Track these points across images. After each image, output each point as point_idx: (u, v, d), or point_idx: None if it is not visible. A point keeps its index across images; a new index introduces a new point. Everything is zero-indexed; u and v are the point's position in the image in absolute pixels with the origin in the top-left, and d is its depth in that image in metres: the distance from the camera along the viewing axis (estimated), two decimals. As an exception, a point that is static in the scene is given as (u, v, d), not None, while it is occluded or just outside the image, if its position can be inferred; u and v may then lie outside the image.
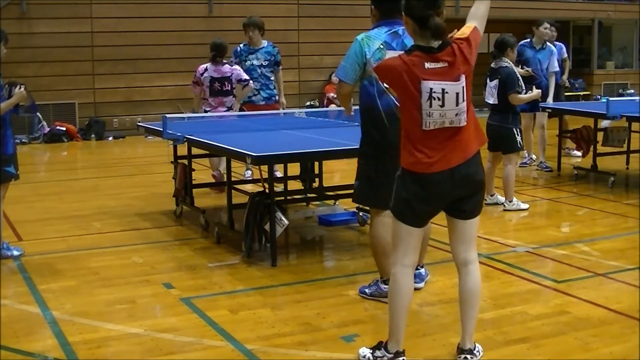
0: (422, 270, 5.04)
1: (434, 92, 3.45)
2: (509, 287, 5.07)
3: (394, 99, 4.49)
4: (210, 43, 8.48)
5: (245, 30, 9.04)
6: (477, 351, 3.78)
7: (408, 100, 3.52)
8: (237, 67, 8.53)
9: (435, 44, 3.50)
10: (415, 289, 4.91)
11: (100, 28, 14.08)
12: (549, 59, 9.52)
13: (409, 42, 4.53)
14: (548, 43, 9.65)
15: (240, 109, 8.66)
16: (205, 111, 8.34)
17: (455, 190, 3.59)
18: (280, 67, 9.13)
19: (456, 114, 3.50)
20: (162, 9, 14.50)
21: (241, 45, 9.15)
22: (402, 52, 4.07)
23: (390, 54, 4.43)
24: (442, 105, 3.47)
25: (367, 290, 4.87)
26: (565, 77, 10.60)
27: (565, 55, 10.51)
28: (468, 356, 3.74)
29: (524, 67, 9.24)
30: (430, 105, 3.46)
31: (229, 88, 8.34)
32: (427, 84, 3.45)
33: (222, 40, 8.72)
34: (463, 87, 3.50)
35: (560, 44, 10.41)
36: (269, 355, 3.98)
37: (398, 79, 3.52)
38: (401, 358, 3.72)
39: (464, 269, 3.73)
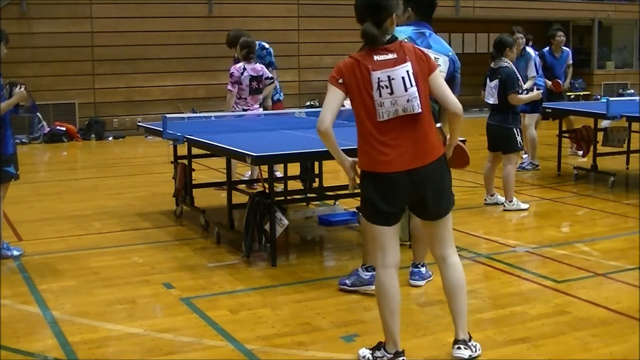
0: (423, 269, 5.05)
1: (381, 80, 3.53)
2: (509, 287, 5.07)
3: None
4: (241, 41, 8.45)
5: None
6: (474, 345, 3.80)
7: (363, 94, 3.56)
8: (263, 65, 8.56)
9: (385, 39, 3.59)
10: (414, 286, 4.93)
11: (100, 28, 14.09)
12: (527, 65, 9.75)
13: (434, 44, 4.65)
14: (527, 49, 9.85)
15: (265, 108, 8.73)
16: (244, 110, 8.34)
17: (415, 191, 3.61)
18: (272, 68, 9.06)
19: (407, 100, 3.54)
20: (162, 9, 14.50)
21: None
22: (427, 49, 4.29)
23: None
24: (392, 93, 3.53)
25: (347, 282, 4.91)
26: (567, 83, 10.69)
27: (571, 61, 10.62)
28: (462, 346, 3.76)
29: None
30: (380, 95, 3.54)
31: (262, 86, 8.40)
32: (376, 74, 3.54)
33: (250, 37, 8.72)
34: (408, 72, 3.54)
35: (568, 49, 10.54)
36: (269, 355, 3.98)
37: (352, 76, 3.58)
38: (401, 358, 3.72)
39: (443, 264, 3.79)
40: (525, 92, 7.57)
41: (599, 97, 18.15)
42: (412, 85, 3.53)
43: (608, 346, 4.03)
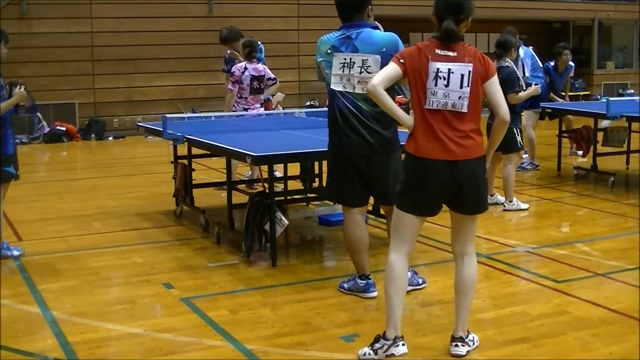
0: (408, 273, 5.01)
1: (441, 71, 3.66)
2: (509, 287, 5.07)
3: (346, 102, 4.64)
4: (243, 41, 8.48)
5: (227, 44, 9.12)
6: (471, 340, 3.87)
7: (417, 80, 3.70)
8: (265, 66, 8.57)
9: (456, 39, 3.72)
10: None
11: (100, 28, 14.09)
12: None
13: (361, 46, 4.65)
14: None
15: (266, 107, 8.74)
16: (245, 109, 8.35)
17: (454, 183, 3.69)
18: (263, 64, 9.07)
19: (459, 97, 3.66)
20: (162, 9, 14.51)
21: (228, 51, 9.25)
22: (352, 53, 4.57)
23: (338, 56, 4.66)
24: (447, 85, 3.65)
25: (345, 285, 4.96)
26: (566, 95, 10.81)
27: (572, 74, 10.71)
28: (459, 344, 3.82)
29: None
30: (436, 84, 3.67)
31: (264, 86, 8.41)
32: (435, 65, 3.67)
33: (253, 37, 8.75)
34: (469, 72, 3.66)
35: (572, 64, 10.57)
36: (269, 355, 3.98)
37: (411, 60, 3.71)
38: (400, 342, 3.78)
39: (460, 259, 3.87)
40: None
41: (599, 97, 18.16)
42: (467, 86, 3.65)
43: (608, 346, 4.03)
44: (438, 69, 3.65)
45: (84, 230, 6.88)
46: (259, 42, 9.19)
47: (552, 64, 10.25)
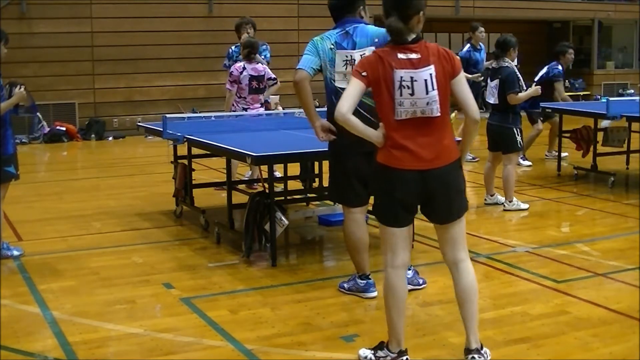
0: (410, 272, 5.02)
1: (404, 80, 3.51)
2: (509, 287, 5.07)
3: None
4: (244, 41, 8.48)
5: (240, 30, 9.09)
6: (485, 352, 3.75)
7: (384, 91, 3.55)
8: (265, 65, 8.57)
9: (409, 37, 3.56)
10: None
11: (100, 28, 14.09)
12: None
13: (358, 39, 4.70)
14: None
15: (267, 107, 8.74)
16: (244, 109, 8.35)
17: (426, 193, 3.59)
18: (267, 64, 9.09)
19: (427, 103, 3.52)
20: (162, 9, 14.51)
21: (233, 47, 9.25)
22: (352, 50, 4.59)
23: (340, 54, 4.71)
24: (412, 94, 3.51)
25: (345, 285, 4.96)
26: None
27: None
28: (476, 356, 3.69)
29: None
30: (401, 94, 3.52)
31: (264, 86, 8.40)
32: (398, 73, 3.51)
33: (254, 38, 8.74)
34: (431, 75, 3.51)
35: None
36: (269, 355, 3.98)
37: (374, 71, 3.57)
38: (405, 357, 3.72)
39: (454, 268, 3.74)
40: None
41: (599, 97, 18.15)
42: (433, 89, 3.51)
43: (608, 346, 4.03)
44: (401, 77, 3.49)
45: (84, 230, 6.88)
46: (265, 43, 9.18)
47: (560, 68, 9.97)
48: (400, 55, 3.53)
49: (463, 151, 3.74)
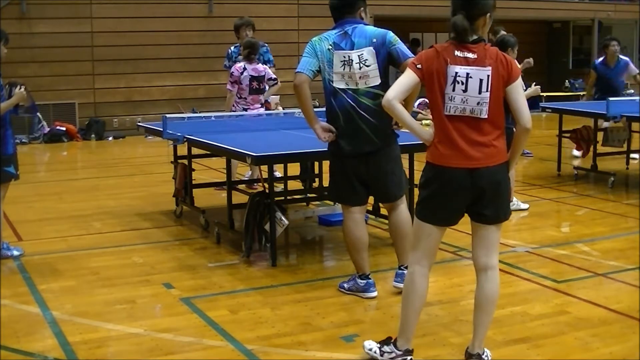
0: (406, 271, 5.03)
1: (459, 75, 3.51)
2: (508, 287, 5.07)
3: (347, 98, 4.67)
4: (244, 42, 8.48)
5: (239, 31, 9.10)
6: (486, 356, 3.74)
7: (436, 85, 3.56)
8: (266, 66, 8.57)
9: (470, 37, 3.56)
10: (397, 288, 4.85)
11: (100, 28, 14.08)
12: None
13: (357, 40, 4.70)
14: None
15: (267, 107, 8.74)
16: (244, 109, 8.35)
17: (475, 191, 3.57)
18: (271, 65, 9.09)
19: (477, 103, 3.52)
20: (162, 9, 14.50)
21: (232, 47, 9.25)
22: (350, 51, 4.60)
23: (338, 54, 4.70)
24: (465, 90, 3.51)
25: (345, 285, 4.96)
26: None
27: (637, 71, 10.70)
28: None
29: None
30: (454, 89, 3.52)
31: (264, 86, 8.40)
32: (453, 68, 3.52)
33: (254, 38, 8.74)
34: (488, 76, 3.51)
35: (627, 59, 10.65)
36: (269, 355, 3.98)
37: (429, 64, 3.57)
38: (410, 357, 3.73)
39: (483, 274, 3.70)
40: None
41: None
42: (486, 91, 3.51)
43: (608, 346, 4.03)
44: (457, 72, 3.50)
45: (84, 230, 6.88)
46: (265, 44, 9.18)
47: (600, 60, 10.22)
48: (458, 53, 3.54)
49: (512, 158, 3.69)
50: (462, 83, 3.50)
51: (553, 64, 20.17)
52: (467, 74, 3.50)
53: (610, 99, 8.28)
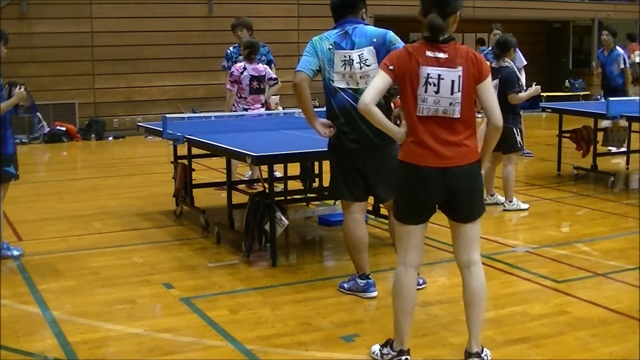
0: None
1: (430, 77, 3.52)
2: (509, 287, 5.07)
3: (347, 97, 4.69)
4: (245, 42, 8.48)
5: (234, 31, 9.11)
6: (485, 355, 3.75)
7: (407, 86, 3.57)
8: (266, 66, 8.57)
9: (442, 36, 3.57)
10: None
11: (100, 28, 14.08)
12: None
13: (357, 39, 4.71)
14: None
15: (267, 107, 8.74)
16: (244, 109, 8.35)
17: (447, 190, 3.59)
18: (273, 66, 9.10)
19: (450, 103, 3.53)
20: (162, 9, 14.50)
21: (231, 47, 9.25)
22: (350, 50, 4.63)
23: (338, 54, 4.71)
24: (437, 92, 3.52)
25: (345, 285, 4.96)
26: (628, 85, 11.05)
27: (626, 65, 10.95)
28: (476, 359, 3.70)
29: None
30: (426, 91, 3.53)
31: (265, 86, 8.40)
32: (425, 69, 3.52)
33: (255, 38, 8.75)
34: (460, 77, 3.52)
35: (621, 51, 10.96)
36: (269, 355, 3.98)
37: (401, 65, 3.58)
38: (404, 357, 3.73)
39: (467, 270, 3.71)
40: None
41: (599, 97, 18.12)
42: (458, 91, 3.53)
43: (608, 346, 4.03)
44: (428, 74, 3.50)
45: (84, 230, 6.88)
46: (264, 44, 9.18)
47: (602, 48, 10.44)
48: (429, 53, 3.54)
49: (484, 156, 3.73)
50: (434, 84, 3.52)
51: (553, 64, 20.18)
52: (439, 75, 3.51)
53: (610, 99, 8.28)
